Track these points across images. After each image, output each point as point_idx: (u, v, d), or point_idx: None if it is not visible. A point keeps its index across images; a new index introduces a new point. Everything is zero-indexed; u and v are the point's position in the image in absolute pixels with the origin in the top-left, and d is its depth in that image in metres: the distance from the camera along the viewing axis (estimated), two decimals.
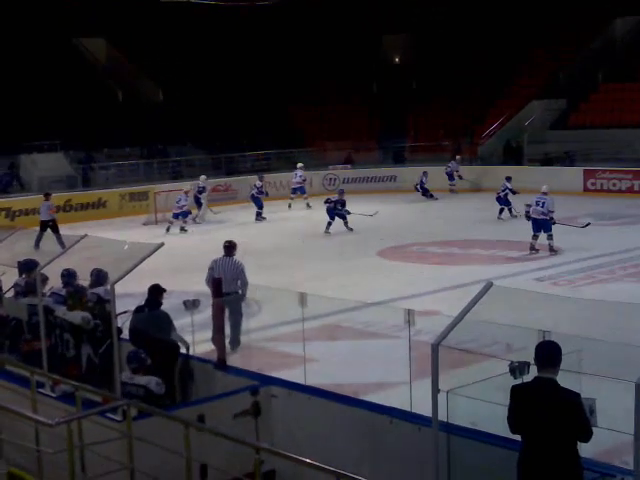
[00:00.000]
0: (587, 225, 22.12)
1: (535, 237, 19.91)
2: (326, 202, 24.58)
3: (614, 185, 31.01)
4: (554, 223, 19.97)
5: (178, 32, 41.31)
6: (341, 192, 24.97)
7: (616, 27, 40.60)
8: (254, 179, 29.48)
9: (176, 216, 26.40)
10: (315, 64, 42.34)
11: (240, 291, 12.38)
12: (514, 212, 24.69)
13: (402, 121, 40.62)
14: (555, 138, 35.37)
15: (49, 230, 23.11)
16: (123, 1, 39.42)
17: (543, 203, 19.78)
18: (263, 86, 40.77)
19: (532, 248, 19.90)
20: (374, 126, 40.84)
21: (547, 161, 34.52)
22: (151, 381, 8.04)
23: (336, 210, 24.27)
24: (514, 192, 25.40)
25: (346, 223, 24.29)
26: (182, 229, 26.24)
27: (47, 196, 24.32)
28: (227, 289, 11.97)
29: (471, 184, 32.99)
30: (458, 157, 33.88)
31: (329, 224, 24.16)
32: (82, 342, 9.19)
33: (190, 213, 26.98)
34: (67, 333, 9.27)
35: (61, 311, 9.50)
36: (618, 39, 40.44)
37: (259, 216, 28.01)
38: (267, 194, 28.73)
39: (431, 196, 31.47)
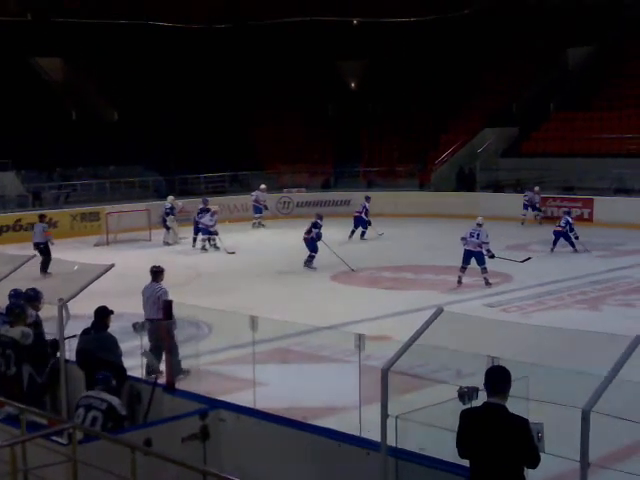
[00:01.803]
0: (527, 260, 21.79)
1: (463, 269, 19.50)
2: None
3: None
4: (492, 257, 19.67)
5: (134, 53, 41.27)
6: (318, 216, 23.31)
7: (568, 57, 41.29)
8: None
9: (206, 233, 26.52)
10: (271, 87, 42.52)
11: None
12: (577, 247, 24.29)
13: (357, 146, 40.86)
14: (507, 166, 35.77)
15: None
16: (80, 21, 39.27)
17: (478, 234, 19.40)
18: (219, 108, 40.79)
19: (459, 281, 19.47)
20: (329, 150, 41.01)
21: (499, 188, 34.92)
22: (114, 399, 8.10)
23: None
24: (572, 229, 24.37)
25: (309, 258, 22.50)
26: (204, 247, 26.45)
27: (42, 218, 23.60)
28: (148, 315, 11.89)
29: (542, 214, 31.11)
30: (537, 188, 31.32)
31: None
32: (23, 360, 9.10)
33: (216, 234, 26.43)
34: (9, 349, 9.18)
35: (4, 328, 9.45)
36: (570, 69, 41.12)
37: (195, 242, 27.15)
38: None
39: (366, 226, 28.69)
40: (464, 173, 36.30)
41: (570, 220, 24.60)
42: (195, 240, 27.11)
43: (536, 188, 31.15)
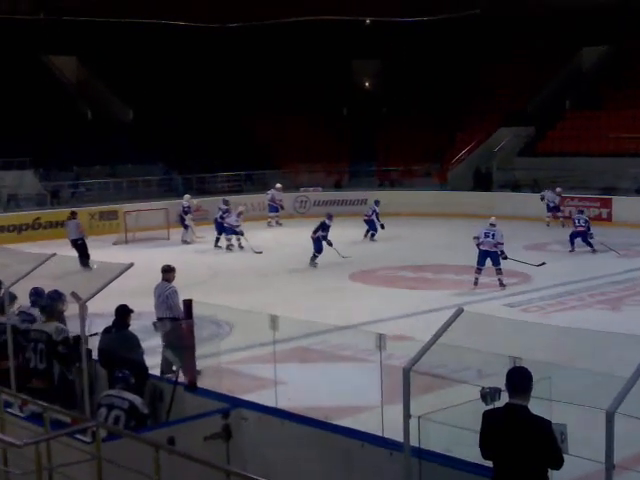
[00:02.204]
0: (542, 264, 21.27)
1: (479, 270, 19.36)
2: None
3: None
4: (505, 258, 19.50)
5: (149, 52, 41.31)
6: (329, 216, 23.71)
7: (583, 56, 41.17)
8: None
9: (230, 232, 26.43)
10: (286, 87, 42.48)
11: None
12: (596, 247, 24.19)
13: (372, 145, 40.82)
14: (523, 165, 35.67)
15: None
16: (95, 20, 39.33)
17: (493, 234, 19.30)
18: (234, 108, 40.83)
19: (476, 282, 19.32)
20: (344, 150, 40.98)
21: (515, 188, 34.83)
22: (137, 399, 8.13)
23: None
24: (589, 228, 24.28)
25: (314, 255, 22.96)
26: (228, 246, 26.48)
27: (74, 214, 23.86)
28: (158, 314, 11.91)
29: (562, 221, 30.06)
30: (559, 189, 30.57)
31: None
32: (54, 356, 9.17)
33: (242, 234, 26.27)
34: (42, 344, 9.25)
35: (37, 324, 9.55)
36: (585, 68, 40.98)
37: (217, 242, 27.14)
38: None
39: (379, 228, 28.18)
40: (481, 173, 36.24)
41: (588, 220, 24.56)
42: (218, 240, 27.05)
43: (558, 189, 30.70)
